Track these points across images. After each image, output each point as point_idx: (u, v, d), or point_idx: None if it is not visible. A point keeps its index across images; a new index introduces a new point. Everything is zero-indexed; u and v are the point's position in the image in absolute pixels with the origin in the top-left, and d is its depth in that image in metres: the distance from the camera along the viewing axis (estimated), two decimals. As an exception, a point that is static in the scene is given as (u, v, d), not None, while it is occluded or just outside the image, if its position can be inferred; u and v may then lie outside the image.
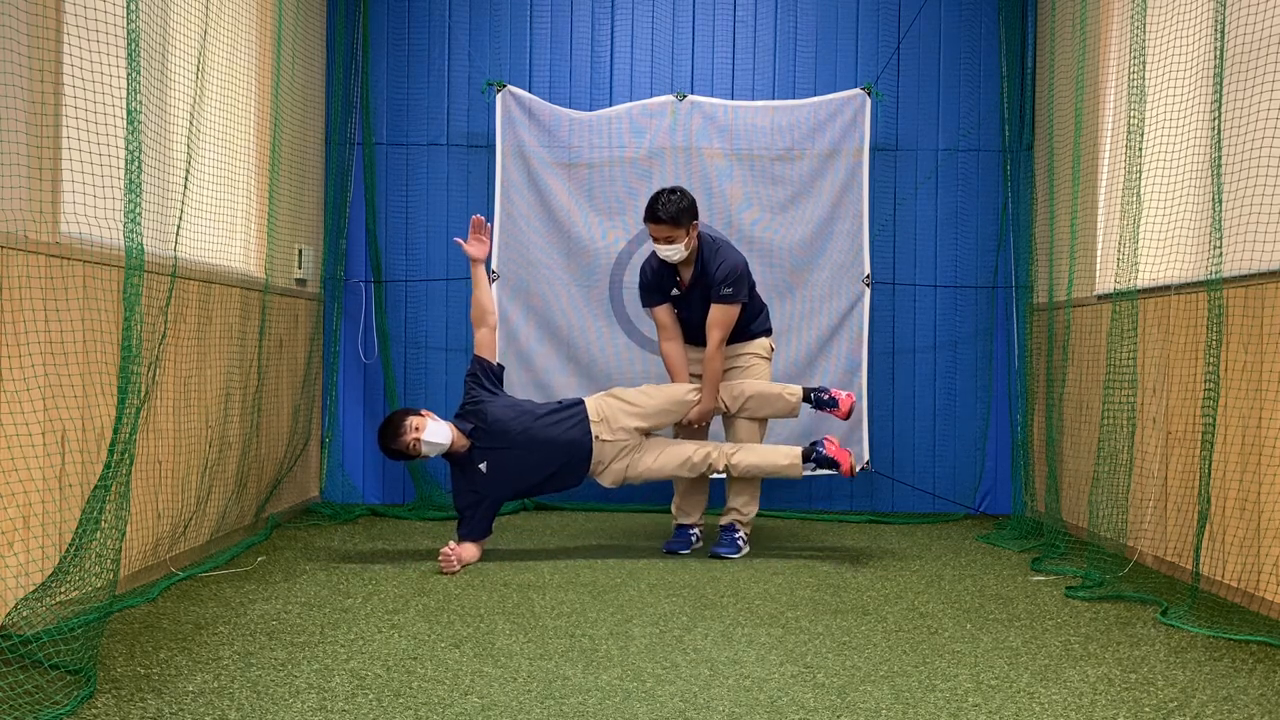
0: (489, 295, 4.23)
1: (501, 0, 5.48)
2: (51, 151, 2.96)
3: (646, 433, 4.21)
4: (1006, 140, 5.39)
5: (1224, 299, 3.43)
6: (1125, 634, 3.12)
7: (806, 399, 4.32)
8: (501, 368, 4.26)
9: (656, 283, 4.33)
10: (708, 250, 4.24)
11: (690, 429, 4.36)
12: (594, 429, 4.10)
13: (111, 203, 3.03)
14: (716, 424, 4.54)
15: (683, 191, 4.15)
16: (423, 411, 3.99)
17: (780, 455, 4.20)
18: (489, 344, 4.19)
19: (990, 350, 5.49)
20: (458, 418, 4.08)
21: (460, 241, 4.28)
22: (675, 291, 4.32)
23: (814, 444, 4.21)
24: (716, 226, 5.28)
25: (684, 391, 4.25)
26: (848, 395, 4.32)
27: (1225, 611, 3.35)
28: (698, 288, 4.26)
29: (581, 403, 4.18)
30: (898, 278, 5.49)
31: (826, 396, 4.31)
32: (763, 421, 4.36)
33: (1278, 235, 3.29)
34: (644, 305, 4.44)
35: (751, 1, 5.51)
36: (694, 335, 4.35)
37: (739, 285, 4.20)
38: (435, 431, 3.92)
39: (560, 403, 4.21)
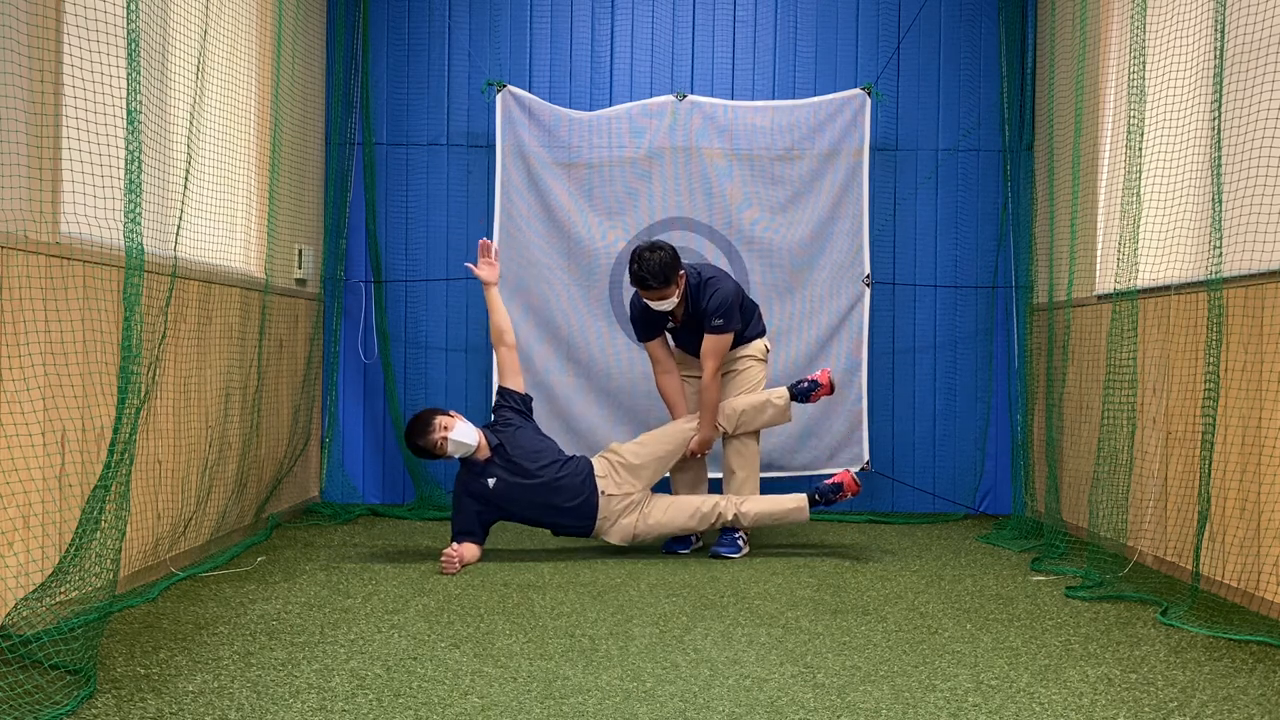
0: (505, 316, 4.23)
1: (501, 0, 5.48)
2: (51, 151, 2.96)
3: (652, 481, 4.22)
4: (1006, 140, 5.39)
5: (1224, 299, 3.43)
6: (1125, 634, 3.12)
7: (794, 398, 4.34)
8: (529, 398, 4.26)
9: (648, 320, 4.32)
10: (696, 288, 4.22)
11: (692, 458, 4.37)
12: (600, 484, 4.11)
13: (111, 203, 3.03)
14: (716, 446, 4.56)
15: (661, 246, 4.11)
16: (451, 412, 4.01)
17: (787, 500, 4.25)
18: (510, 364, 4.20)
19: (990, 350, 5.49)
20: (488, 428, 4.10)
21: (471, 266, 4.31)
22: (670, 324, 4.33)
23: (814, 485, 4.29)
24: (716, 227, 5.29)
25: (682, 426, 4.28)
26: (822, 371, 4.38)
27: (1225, 611, 3.35)
28: (691, 321, 4.28)
29: (588, 460, 4.19)
30: (898, 278, 5.49)
31: (806, 384, 4.36)
32: (756, 434, 4.38)
33: (1278, 235, 3.29)
34: (637, 340, 4.45)
35: (751, 1, 5.51)
36: (690, 348, 4.37)
37: (730, 315, 4.21)
38: (463, 432, 3.93)
39: (570, 457, 4.19)
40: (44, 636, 2.56)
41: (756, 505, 4.21)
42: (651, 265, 4.05)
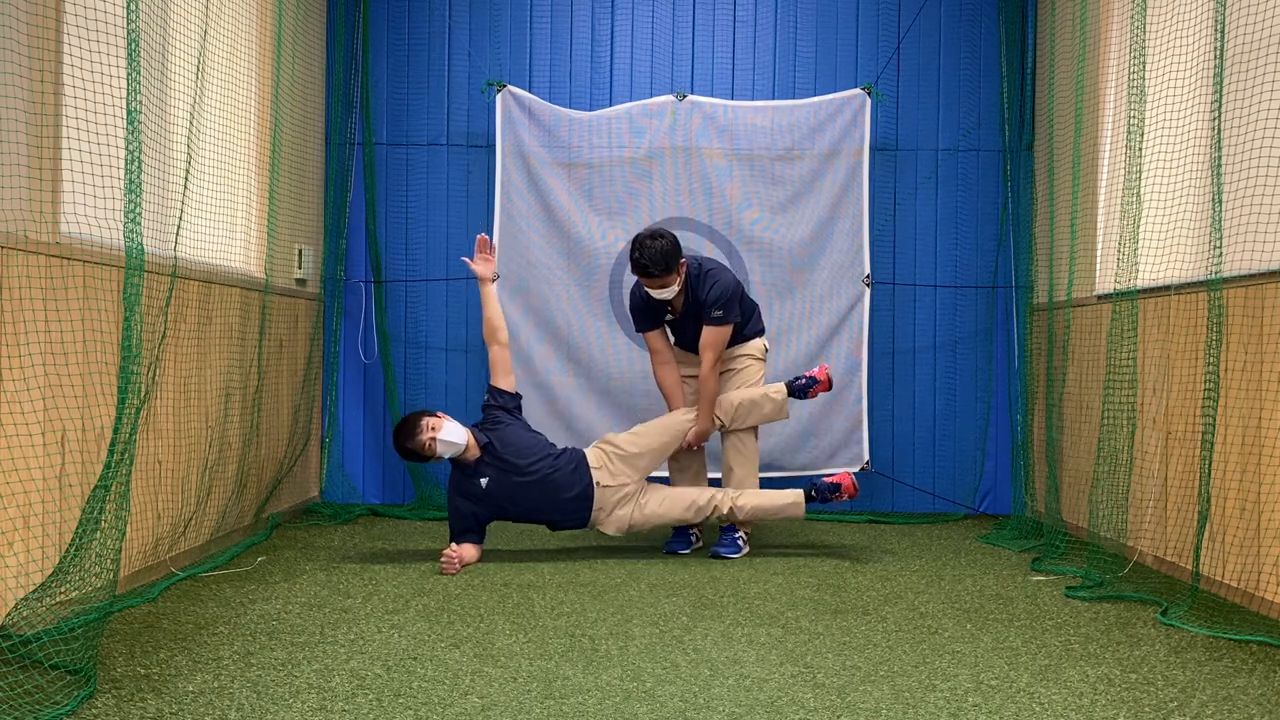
0: (499, 312, 4.22)
1: (501, 0, 5.48)
2: (51, 151, 2.96)
3: (647, 471, 4.21)
4: (1006, 140, 5.39)
5: (1224, 299, 3.43)
6: (1125, 634, 3.12)
7: (792, 394, 4.34)
8: (518, 396, 4.25)
9: (648, 311, 4.32)
10: (696, 278, 4.22)
11: (689, 450, 4.36)
12: (594, 475, 4.10)
13: (111, 203, 3.03)
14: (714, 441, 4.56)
15: (662, 234, 4.11)
16: (438, 413, 4.00)
17: (784, 495, 4.26)
18: (503, 361, 4.18)
19: (990, 350, 5.49)
20: (476, 428, 4.09)
21: (468, 261, 4.29)
22: (669, 317, 4.32)
23: (812, 481, 4.30)
24: (716, 227, 5.29)
25: (679, 418, 4.27)
26: (820, 367, 4.38)
27: (1225, 611, 3.36)
28: (690, 313, 4.27)
29: (581, 451, 4.19)
30: (898, 278, 5.49)
31: (804, 380, 4.37)
32: (754, 431, 4.38)
33: (1278, 235, 3.29)
34: (636, 330, 4.44)
35: (751, 1, 5.51)
36: (689, 345, 4.36)
37: (729, 307, 4.20)
38: (451, 432, 3.93)
39: (562, 450, 4.17)
40: (44, 636, 2.57)
41: (752, 500, 4.21)
42: (653, 252, 4.05)
